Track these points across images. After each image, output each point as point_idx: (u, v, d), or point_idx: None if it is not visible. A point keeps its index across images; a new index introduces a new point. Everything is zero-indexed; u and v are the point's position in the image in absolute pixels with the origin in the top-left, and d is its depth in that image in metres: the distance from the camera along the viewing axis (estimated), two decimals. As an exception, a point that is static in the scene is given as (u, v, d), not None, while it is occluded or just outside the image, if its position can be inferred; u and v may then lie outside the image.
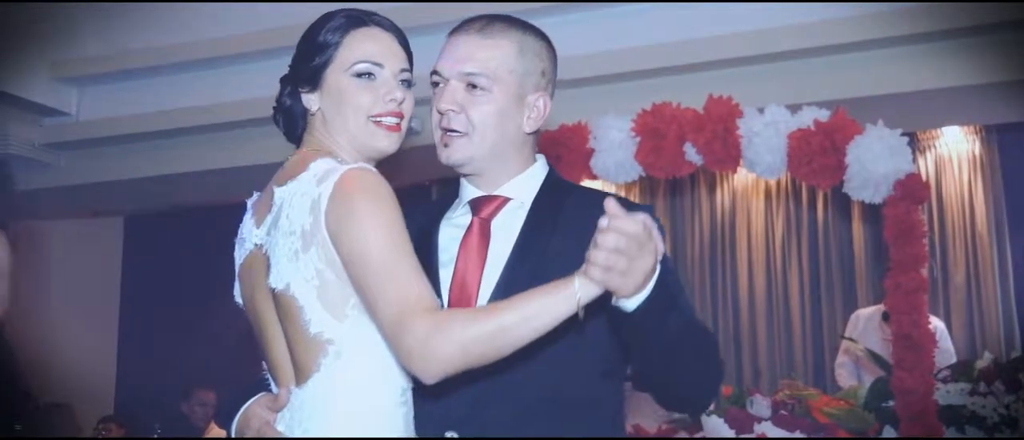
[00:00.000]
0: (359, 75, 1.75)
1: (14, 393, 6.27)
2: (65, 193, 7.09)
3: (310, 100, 1.79)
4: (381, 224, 1.56)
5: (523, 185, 1.81)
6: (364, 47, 1.76)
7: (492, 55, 1.75)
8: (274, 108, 1.87)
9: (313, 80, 1.77)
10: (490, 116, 1.75)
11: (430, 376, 1.48)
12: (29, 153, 6.67)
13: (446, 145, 1.78)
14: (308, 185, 1.65)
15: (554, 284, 1.46)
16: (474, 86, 1.75)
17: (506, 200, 1.79)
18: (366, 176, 1.62)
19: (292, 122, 1.85)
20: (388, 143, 1.76)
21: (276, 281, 1.66)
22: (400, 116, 1.77)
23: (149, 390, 7.38)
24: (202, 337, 7.84)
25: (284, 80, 1.85)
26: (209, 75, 6.18)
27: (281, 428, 1.68)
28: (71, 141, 6.70)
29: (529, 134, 1.81)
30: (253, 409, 1.73)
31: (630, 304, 1.49)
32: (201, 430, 6.26)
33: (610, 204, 1.44)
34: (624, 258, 1.42)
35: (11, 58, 6.05)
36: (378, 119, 1.74)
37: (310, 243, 1.62)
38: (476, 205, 1.81)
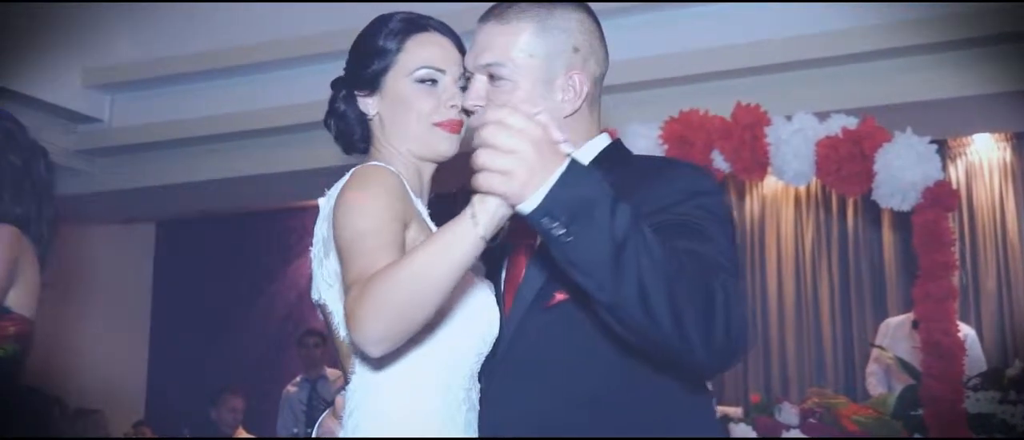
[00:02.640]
0: (422, 80, 1.75)
1: (44, 399, 6.35)
2: (98, 199, 7.17)
3: (368, 104, 1.80)
4: (359, 210, 1.54)
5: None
6: (426, 53, 1.76)
7: (510, 41, 1.63)
8: (327, 112, 1.87)
9: (372, 84, 1.77)
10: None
11: (366, 343, 1.36)
12: (62, 160, 6.75)
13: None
14: (334, 191, 1.67)
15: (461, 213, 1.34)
16: (496, 77, 1.64)
17: None
18: (366, 171, 1.63)
19: (346, 126, 1.84)
20: (449, 146, 1.76)
21: (314, 292, 1.70)
22: (461, 121, 1.77)
23: (179, 396, 7.45)
24: (232, 343, 7.90)
25: (338, 83, 1.85)
26: (241, 82, 6.23)
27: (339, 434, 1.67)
28: (104, 148, 6.78)
29: (570, 116, 1.65)
30: (325, 418, 1.74)
31: (526, 207, 1.29)
32: (230, 436, 6.31)
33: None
34: (498, 153, 1.26)
35: (45, 66, 6.13)
36: (440, 123, 1.75)
37: (329, 249, 1.64)
38: None
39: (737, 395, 6.56)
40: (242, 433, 6.40)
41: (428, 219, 1.72)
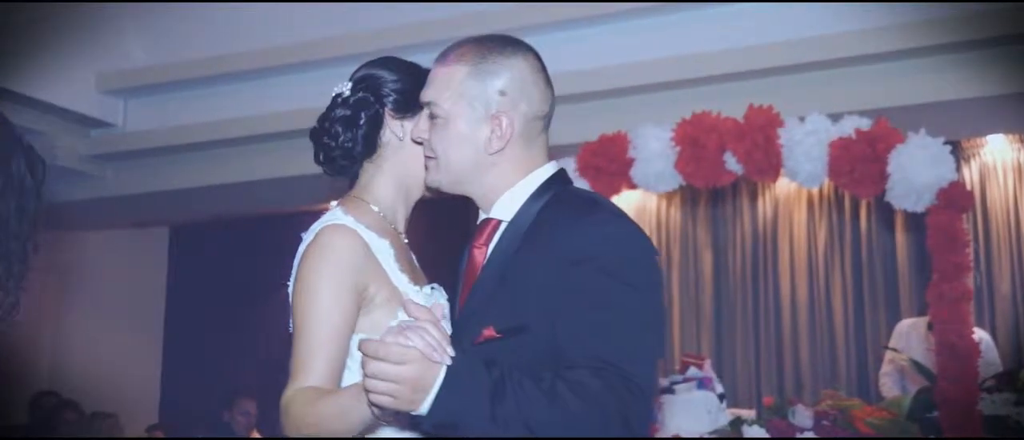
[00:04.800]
0: None
1: (59, 403, 6.38)
2: (111, 204, 7.20)
3: (397, 127, 1.90)
4: (309, 294, 1.73)
5: (508, 205, 1.78)
6: None
7: (445, 82, 1.76)
8: (336, 119, 1.93)
9: (415, 109, 1.86)
10: (447, 142, 1.76)
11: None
12: (76, 164, 6.79)
13: (426, 169, 1.84)
14: (303, 246, 1.82)
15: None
16: (433, 114, 1.78)
17: (499, 222, 1.79)
18: (325, 238, 1.77)
19: (353, 141, 1.91)
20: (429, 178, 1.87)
21: (290, 326, 1.81)
22: None
23: (192, 399, 7.48)
24: (245, 346, 7.92)
25: (366, 99, 1.91)
26: (254, 86, 6.25)
27: None
28: (118, 152, 6.81)
29: (498, 153, 1.76)
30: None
31: (420, 414, 1.49)
32: (243, 438, 6.33)
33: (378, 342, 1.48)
34: (382, 383, 1.46)
35: (59, 71, 6.16)
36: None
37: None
38: (479, 229, 1.82)
39: (750, 397, 6.55)
40: (255, 435, 6.42)
41: (393, 262, 1.82)
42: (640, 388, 1.55)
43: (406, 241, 1.96)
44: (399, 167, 1.91)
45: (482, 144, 1.75)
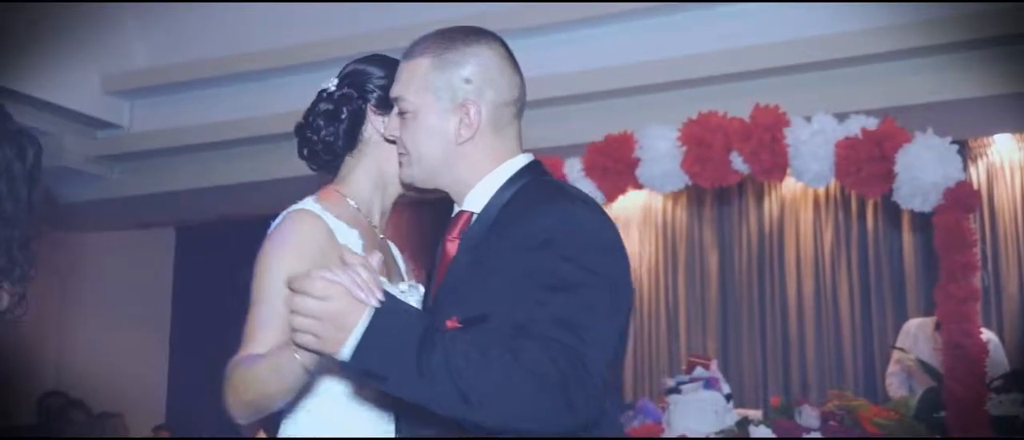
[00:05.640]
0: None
1: (66, 403, 6.39)
2: (118, 204, 7.21)
3: (378, 122, 1.90)
4: (264, 271, 1.78)
5: (479, 197, 1.76)
6: None
7: (410, 76, 1.75)
8: (319, 114, 1.95)
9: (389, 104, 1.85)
10: (416, 137, 1.75)
11: (230, 416, 1.68)
12: (83, 165, 6.80)
13: (400, 166, 1.82)
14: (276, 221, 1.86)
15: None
16: (400, 110, 1.77)
17: (472, 214, 1.77)
18: (293, 220, 1.82)
19: (334, 136, 1.93)
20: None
21: None
22: None
23: (198, 399, 7.48)
24: (251, 347, 7.93)
25: (348, 95, 1.93)
26: (260, 86, 6.26)
27: None
28: (123, 153, 6.82)
29: (467, 143, 1.74)
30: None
31: (341, 359, 1.44)
32: (250, 438, 6.32)
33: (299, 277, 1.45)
34: (304, 319, 1.43)
35: (65, 73, 6.17)
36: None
37: None
38: (452, 222, 1.80)
39: (756, 397, 6.54)
40: (261, 435, 6.41)
41: (360, 252, 1.78)
42: (587, 371, 1.47)
43: (382, 236, 1.97)
44: (378, 163, 1.92)
45: (451, 135, 1.73)
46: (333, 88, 1.96)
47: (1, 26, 5.60)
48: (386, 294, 1.46)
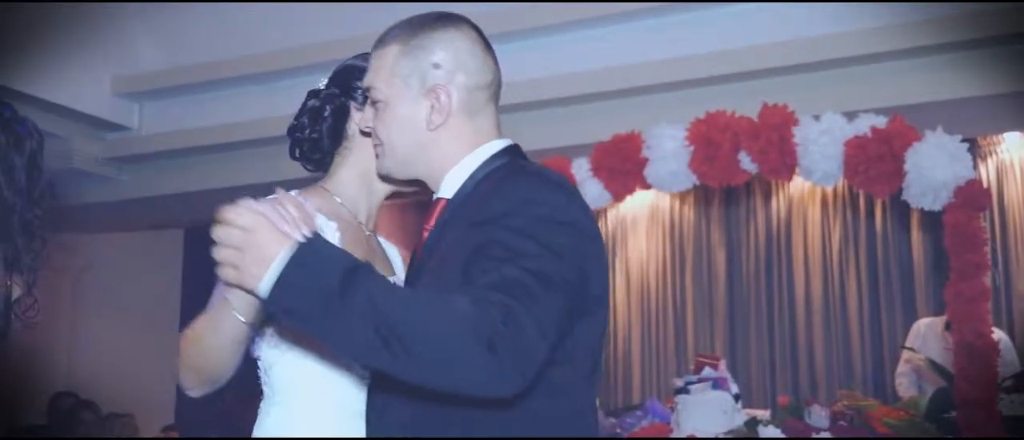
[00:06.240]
0: None
1: (77, 403, 6.41)
2: (127, 206, 7.23)
3: (359, 118, 1.91)
4: None
5: (454, 182, 1.71)
6: None
7: (380, 65, 1.72)
8: (306, 116, 1.97)
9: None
10: (388, 127, 1.71)
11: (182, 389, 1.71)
12: (92, 167, 6.82)
13: (376, 158, 1.79)
14: None
15: None
16: (372, 100, 1.74)
17: (447, 201, 1.73)
18: None
19: (320, 136, 1.95)
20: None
21: None
22: None
23: (207, 400, 7.49)
24: (260, 347, 7.93)
25: (337, 94, 1.95)
26: (269, 88, 6.27)
27: None
28: (133, 155, 6.84)
29: (440, 129, 1.69)
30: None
31: (261, 293, 1.39)
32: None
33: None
34: (225, 249, 1.41)
35: (74, 75, 6.19)
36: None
37: None
38: (430, 211, 1.77)
39: (764, 397, 6.52)
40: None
41: (337, 244, 1.79)
42: (522, 330, 1.36)
43: (370, 232, 1.98)
44: (363, 160, 1.92)
45: (423, 122, 1.68)
46: (322, 87, 1.98)
47: (10, 28, 5.62)
48: (316, 234, 1.41)
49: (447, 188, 1.71)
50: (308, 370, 1.83)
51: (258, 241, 1.38)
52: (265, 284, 1.37)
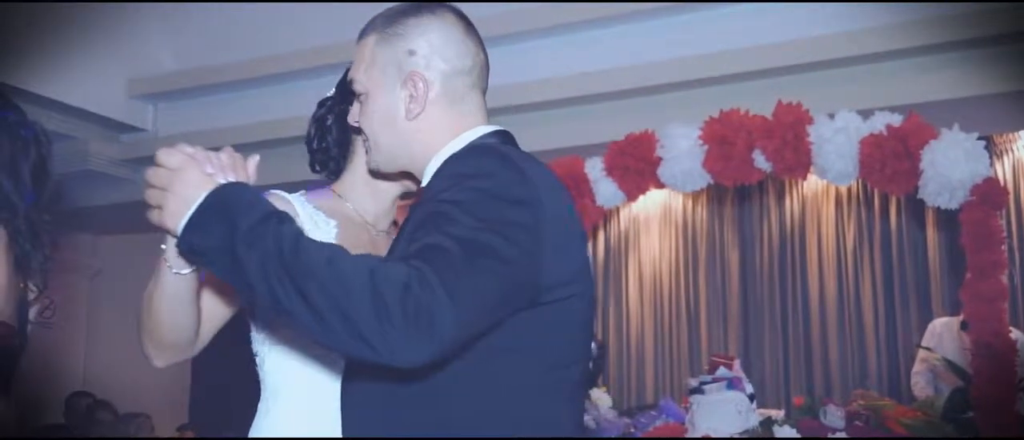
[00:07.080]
0: None
1: (94, 403, 6.44)
2: (142, 207, 7.22)
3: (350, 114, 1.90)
4: None
5: (434, 170, 1.64)
6: None
7: (361, 56, 1.69)
8: (314, 126, 2.01)
9: None
10: (371, 119, 1.67)
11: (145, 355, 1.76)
12: (107, 169, 6.85)
13: (366, 153, 1.75)
14: None
15: None
16: (355, 92, 1.71)
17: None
18: None
19: (327, 144, 1.99)
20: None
21: None
22: None
23: (221, 399, 7.52)
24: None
25: (340, 101, 1.96)
26: (283, 89, 6.29)
27: None
28: (148, 156, 6.82)
29: (420, 117, 1.64)
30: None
31: (177, 232, 1.40)
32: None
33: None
34: (151, 190, 1.43)
35: (89, 76, 6.22)
36: None
37: None
38: (414, 201, 1.74)
39: (778, 397, 6.50)
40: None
41: (333, 241, 1.78)
42: (430, 289, 1.27)
43: (378, 233, 1.96)
44: (366, 162, 1.88)
45: (402, 111, 1.64)
46: (329, 96, 2.01)
47: (26, 31, 5.65)
48: (242, 182, 1.41)
49: (429, 176, 1.64)
50: (295, 365, 1.85)
51: (184, 182, 1.41)
52: (181, 224, 1.39)
